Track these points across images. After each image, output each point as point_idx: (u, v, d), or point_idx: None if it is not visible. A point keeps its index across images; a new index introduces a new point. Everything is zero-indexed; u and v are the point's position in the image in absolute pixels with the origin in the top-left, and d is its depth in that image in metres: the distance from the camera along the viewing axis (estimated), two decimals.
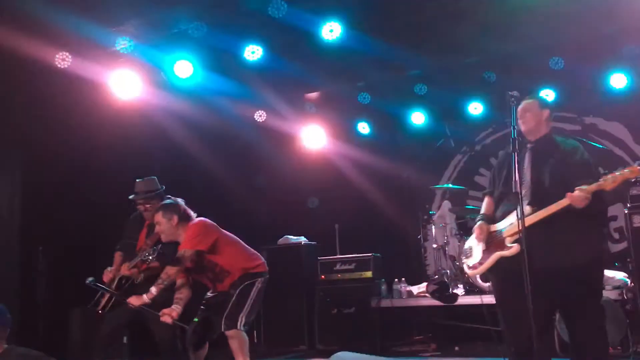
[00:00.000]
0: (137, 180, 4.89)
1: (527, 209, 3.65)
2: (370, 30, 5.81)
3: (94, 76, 5.82)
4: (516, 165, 3.46)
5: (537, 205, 3.58)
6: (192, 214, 4.53)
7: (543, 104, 4.02)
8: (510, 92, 3.63)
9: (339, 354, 3.01)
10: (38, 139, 5.80)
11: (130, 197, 4.85)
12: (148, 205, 4.79)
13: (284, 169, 7.85)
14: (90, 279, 4.47)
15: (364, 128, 8.14)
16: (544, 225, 3.53)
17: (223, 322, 4.28)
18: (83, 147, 5.98)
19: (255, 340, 6.84)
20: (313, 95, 7.77)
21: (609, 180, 3.41)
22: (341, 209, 7.86)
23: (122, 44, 5.56)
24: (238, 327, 4.27)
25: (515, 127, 3.63)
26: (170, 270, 4.27)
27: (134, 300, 4.34)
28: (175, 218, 4.39)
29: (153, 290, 4.26)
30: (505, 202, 3.94)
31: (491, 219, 4.02)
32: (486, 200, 4.18)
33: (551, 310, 3.97)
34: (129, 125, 6.19)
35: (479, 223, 4.05)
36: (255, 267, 4.52)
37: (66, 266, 5.59)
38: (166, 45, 5.73)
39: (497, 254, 3.86)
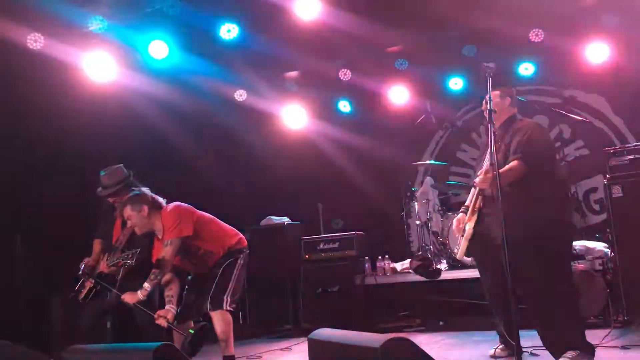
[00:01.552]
0: (101, 173, 4.74)
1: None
2: (347, 6, 5.72)
3: (67, 58, 5.68)
4: (492, 136, 3.52)
5: (493, 187, 3.77)
6: (161, 200, 4.40)
7: (504, 92, 4.28)
8: (485, 64, 3.65)
9: (319, 330, 3.00)
10: (10, 123, 5.66)
11: (98, 191, 4.74)
12: (118, 198, 4.65)
13: (265, 149, 7.78)
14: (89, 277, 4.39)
15: (344, 106, 8.09)
16: (492, 203, 3.77)
17: (208, 303, 4.24)
18: (57, 131, 5.86)
19: (241, 322, 6.84)
20: (293, 74, 7.68)
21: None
22: (324, 188, 7.84)
23: (96, 24, 5.43)
24: (224, 307, 4.25)
25: (491, 99, 3.68)
26: (161, 263, 4.17)
27: (128, 298, 4.24)
28: (145, 208, 4.27)
29: (146, 286, 4.16)
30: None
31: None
32: (472, 190, 4.37)
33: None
34: (103, 107, 6.07)
35: (458, 215, 4.34)
36: (236, 243, 4.50)
37: (45, 255, 5.51)
38: (141, 25, 5.60)
39: (463, 239, 4.19)
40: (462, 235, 4.20)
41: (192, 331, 4.13)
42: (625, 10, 6.22)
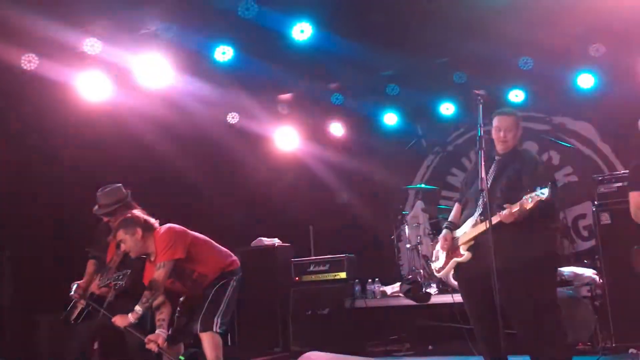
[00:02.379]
0: (99, 191, 4.72)
1: (474, 220, 4.03)
2: (341, 30, 5.82)
3: (62, 78, 5.70)
4: (482, 163, 3.57)
5: (486, 216, 3.77)
6: (154, 221, 4.37)
7: (519, 120, 4.24)
8: (476, 91, 3.71)
9: (308, 353, 3.00)
10: (3, 142, 5.67)
11: (94, 210, 4.72)
12: (113, 218, 4.62)
13: (257, 171, 7.81)
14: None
15: (337, 129, 8.16)
16: (492, 231, 3.71)
17: (199, 324, 4.20)
18: (51, 150, 5.87)
19: (229, 343, 6.79)
20: (286, 96, 7.75)
21: (529, 201, 3.67)
22: (315, 211, 7.86)
23: (90, 44, 5.47)
24: (214, 329, 4.21)
25: (482, 125, 3.72)
26: (154, 286, 4.13)
27: (119, 321, 4.19)
28: (139, 231, 4.22)
29: (138, 309, 4.12)
30: (466, 209, 4.23)
31: (457, 225, 4.31)
32: (455, 207, 4.49)
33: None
34: (98, 127, 6.07)
35: (443, 232, 4.35)
36: (229, 264, 4.47)
37: (33, 272, 5.48)
38: (135, 46, 5.64)
39: (454, 261, 4.19)
40: (447, 253, 4.23)
41: (182, 358, 4.09)
42: (612, 41, 6.35)
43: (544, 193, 3.62)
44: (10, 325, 5.27)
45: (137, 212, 4.41)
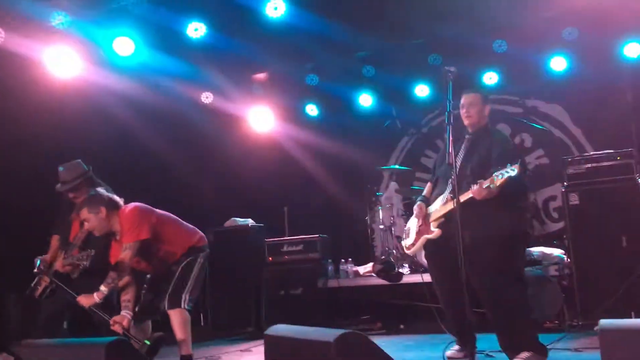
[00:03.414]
0: (60, 168, 4.64)
1: (445, 198, 4.10)
2: (316, 8, 5.77)
3: (29, 52, 5.57)
4: (450, 138, 3.60)
5: (454, 192, 3.79)
6: (118, 199, 4.31)
7: (485, 99, 4.33)
8: (446, 67, 3.73)
9: (276, 326, 3.01)
10: None
11: (57, 187, 4.64)
12: (77, 193, 4.56)
13: (231, 151, 7.76)
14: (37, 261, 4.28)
15: (312, 110, 8.13)
16: (461, 208, 3.73)
17: (166, 301, 4.17)
18: (18, 126, 5.74)
19: (202, 323, 6.79)
20: (260, 76, 7.69)
21: (498, 177, 3.72)
22: (290, 191, 7.85)
23: (58, 19, 5.34)
24: (182, 305, 4.19)
25: (451, 101, 3.75)
26: (120, 266, 4.09)
27: (84, 301, 4.12)
28: (103, 210, 4.15)
29: (103, 289, 4.07)
30: (437, 186, 4.29)
31: (429, 200, 4.40)
32: (428, 184, 4.61)
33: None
34: (66, 104, 5.96)
35: (418, 202, 4.43)
36: (197, 241, 4.44)
37: (0, 250, 5.38)
38: (105, 21, 5.52)
39: (424, 237, 4.27)
40: (423, 224, 4.25)
41: (147, 342, 4.06)
42: (585, 25, 6.41)
43: (514, 170, 3.67)
44: None
45: (101, 190, 4.34)
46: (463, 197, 3.87)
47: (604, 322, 2.63)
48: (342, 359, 2.40)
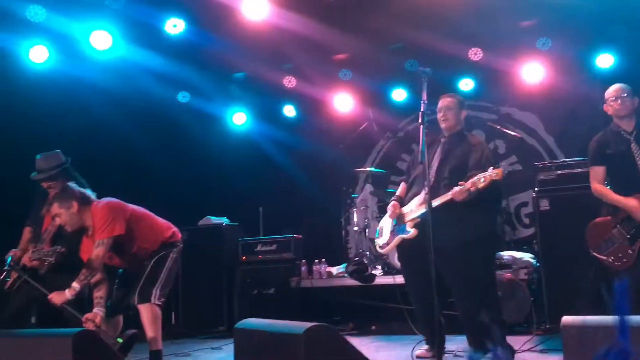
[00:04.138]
0: (37, 157, 4.60)
1: (422, 198, 4.08)
2: (296, 8, 5.79)
3: (5, 45, 5.52)
4: (424, 137, 3.66)
5: (432, 194, 3.85)
6: (90, 194, 4.26)
7: (462, 104, 4.41)
8: (421, 68, 3.79)
9: (246, 320, 3.02)
10: None
11: (32, 176, 4.59)
12: (52, 183, 4.52)
13: (207, 149, 7.74)
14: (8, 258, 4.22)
15: (289, 111, 8.15)
16: (436, 210, 3.80)
17: (136, 295, 4.14)
18: None
19: (173, 322, 6.74)
20: (238, 75, 7.69)
21: (481, 180, 3.77)
22: (266, 191, 7.85)
23: (34, 12, 5.29)
24: (152, 300, 4.15)
25: (425, 102, 3.80)
26: (92, 263, 4.06)
27: (55, 299, 4.06)
28: (75, 204, 4.10)
29: (75, 286, 4.02)
30: (413, 187, 4.29)
31: (403, 200, 4.44)
32: (401, 185, 4.65)
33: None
34: (43, 96, 5.90)
35: (392, 202, 4.46)
36: (170, 236, 4.41)
37: None
38: (82, 15, 5.48)
39: (399, 237, 4.30)
40: (397, 223, 4.30)
41: (120, 340, 4.02)
42: (558, 35, 6.54)
43: (497, 173, 3.72)
44: None
45: (73, 184, 4.29)
46: (441, 199, 3.93)
47: (566, 319, 2.70)
48: (312, 351, 2.42)
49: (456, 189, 3.87)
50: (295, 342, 2.44)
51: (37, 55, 5.73)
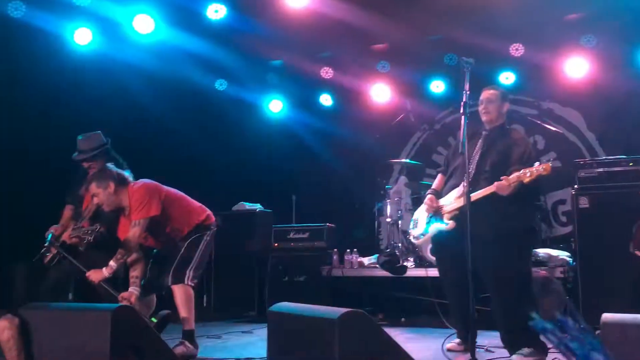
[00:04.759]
0: (79, 137, 4.70)
1: (460, 191, 4.01)
2: None
3: (49, 27, 5.64)
4: (465, 128, 3.61)
5: (472, 187, 3.81)
6: (127, 175, 4.35)
7: (504, 97, 4.33)
8: (464, 58, 3.73)
9: (280, 303, 3.04)
10: None
11: (74, 156, 4.69)
12: (92, 163, 4.62)
13: (243, 136, 7.79)
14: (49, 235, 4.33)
15: (326, 100, 8.14)
16: (475, 203, 3.75)
17: (170, 276, 4.21)
18: (37, 100, 5.80)
19: (205, 305, 6.83)
20: (276, 63, 7.71)
21: (527, 175, 3.71)
22: (300, 179, 7.88)
23: None
24: (185, 281, 4.22)
25: (467, 92, 3.75)
26: (128, 243, 4.15)
27: (93, 276, 4.16)
28: (112, 185, 4.18)
29: (112, 264, 4.12)
30: (451, 179, 4.21)
31: (439, 193, 4.39)
32: (439, 176, 4.60)
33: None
34: (86, 79, 6.02)
35: (429, 195, 4.41)
36: (204, 219, 4.47)
37: (12, 219, 5.45)
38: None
39: (436, 228, 4.26)
40: (434, 216, 4.26)
41: (153, 319, 4.10)
42: (603, 29, 6.38)
43: (545, 168, 3.66)
44: None
45: (112, 165, 4.37)
46: (482, 192, 3.88)
47: (606, 316, 2.65)
48: (346, 337, 2.42)
49: (501, 182, 3.80)
50: (329, 327, 2.44)
51: (82, 37, 5.83)
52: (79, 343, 2.91)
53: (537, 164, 3.70)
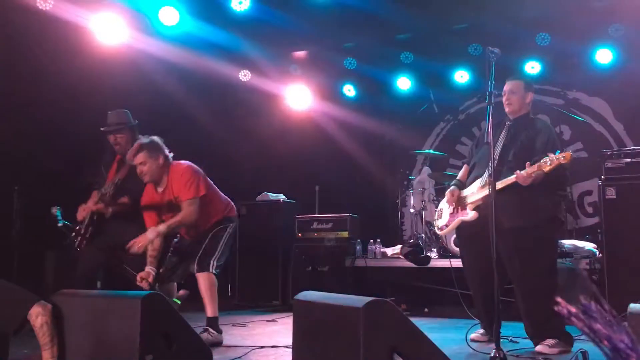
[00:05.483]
0: (109, 112, 4.84)
1: (484, 181, 4.02)
2: None
3: (77, 19, 5.72)
4: (490, 118, 3.59)
5: (495, 177, 3.76)
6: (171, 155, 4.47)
7: (528, 87, 4.30)
8: (490, 48, 3.70)
9: (305, 292, 3.08)
10: (17, 82, 5.69)
11: (102, 128, 4.81)
12: (119, 136, 4.74)
13: (267, 127, 7.83)
14: (57, 211, 4.46)
15: (349, 90, 8.14)
16: (498, 193, 3.71)
17: (195, 264, 4.29)
18: (64, 91, 5.90)
19: (229, 294, 6.91)
20: (300, 54, 7.72)
21: (547, 164, 3.67)
22: (323, 170, 7.91)
23: None
24: (210, 270, 4.30)
25: (493, 82, 3.72)
26: (184, 220, 4.24)
27: (141, 239, 4.15)
28: (161, 158, 4.31)
29: (161, 228, 4.20)
30: (475, 170, 4.19)
31: (463, 184, 4.39)
32: (463, 167, 4.60)
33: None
34: (112, 70, 6.12)
35: (451, 188, 4.42)
36: (229, 211, 4.58)
37: (42, 207, 5.56)
38: None
39: (459, 219, 4.26)
40: (456, 207, 4.27)
41: (177, 301, 4.19)
42: (631, 17, 6.26)
43: (564, 157, 3.63)
44: (19, 258, 5.37)
45: (157, 138, 4.48)
46: (505, 182, 3.87)
47: (633, 306, 2.63)
48: (371, 325, 2.44)
49: (521, 172, 3.79)
50: (354, 315, 2.47)
51: (108, 29, 5.90)
52: (109, 329, 2.98)
53: (557, 152, 3.67)
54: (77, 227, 4.60)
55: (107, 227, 4.62)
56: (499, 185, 3.84)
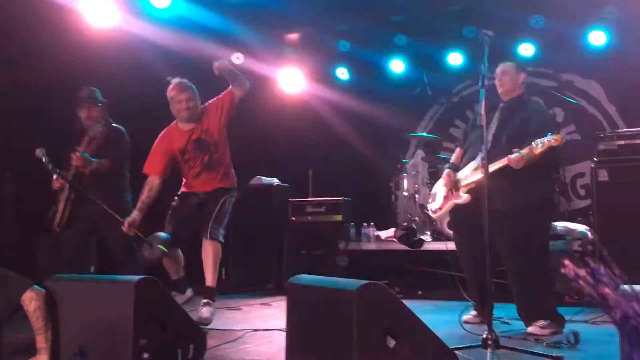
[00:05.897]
0: (83, 86, 4.91)
1: (476, 164, 4.05)
2: None
3: (65, 1, 5.64)
4: (483, 101, 3.59)
5: (490, 160, 3.74)
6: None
7: (520, 67, 4.33)
8: (484, 30, 3.69)
9: (299, 275, 3.09)
10: (3, 66, 5.61)
11: (81, 98, 4.91)
12: (94, 110, 4.81)
13: (259, 110, 7.78)
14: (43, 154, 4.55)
15: (342, 73, 8.10)
16: (491, 175, 3.70)
17: (208, 231, 4.33)
18: (53, 74, 5.83)
19: (223, 277, 6.91)
20: (292, 36, 7.66)
21: (538, 146, 3.69)
22: (316, 153, 7.88)
23: None
24: (219, 238, 4.39)
25: (486, 65, 3.72)
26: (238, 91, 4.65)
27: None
28: (198, 103, 4.61)
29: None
30: (468, 152, 4.18)
31: (457, 167, 4.41)
32: (457, 150, 4.62)
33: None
34: (102, 54, 6.03)
35: (446, 171, 4.40)
36: (236, 181, 4.76)
37: (33, 192, 5.53)
38: None
39: (452, 202, 4.29)
40: (450, 190, 4.28)
41: (163, 248, 4.24)
42: (626, 2, 6.24)
43: (555, 139, 3.64)
44: (11, 243, 5.35)
45: None
46: (497, 165, 3.88)
47: (623, 288, 2.64)
48: (364, 308, 2.45)
49: (513, 155, 3.80)
50: (348, 298, 2.48)
51: (99, 11, 5.82)
52: (103, 314, 2.98)
53: (549, 134, 3.68)
54: (57, 209, 4.62)
55: (82, 210, 4.63)
56: (492, 167, 3.85)
